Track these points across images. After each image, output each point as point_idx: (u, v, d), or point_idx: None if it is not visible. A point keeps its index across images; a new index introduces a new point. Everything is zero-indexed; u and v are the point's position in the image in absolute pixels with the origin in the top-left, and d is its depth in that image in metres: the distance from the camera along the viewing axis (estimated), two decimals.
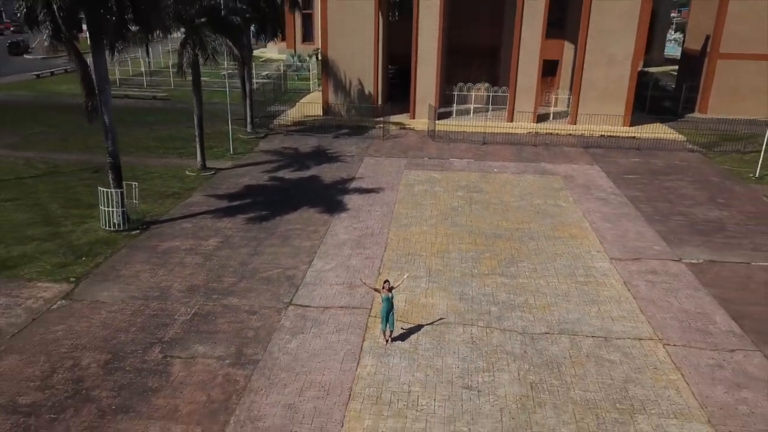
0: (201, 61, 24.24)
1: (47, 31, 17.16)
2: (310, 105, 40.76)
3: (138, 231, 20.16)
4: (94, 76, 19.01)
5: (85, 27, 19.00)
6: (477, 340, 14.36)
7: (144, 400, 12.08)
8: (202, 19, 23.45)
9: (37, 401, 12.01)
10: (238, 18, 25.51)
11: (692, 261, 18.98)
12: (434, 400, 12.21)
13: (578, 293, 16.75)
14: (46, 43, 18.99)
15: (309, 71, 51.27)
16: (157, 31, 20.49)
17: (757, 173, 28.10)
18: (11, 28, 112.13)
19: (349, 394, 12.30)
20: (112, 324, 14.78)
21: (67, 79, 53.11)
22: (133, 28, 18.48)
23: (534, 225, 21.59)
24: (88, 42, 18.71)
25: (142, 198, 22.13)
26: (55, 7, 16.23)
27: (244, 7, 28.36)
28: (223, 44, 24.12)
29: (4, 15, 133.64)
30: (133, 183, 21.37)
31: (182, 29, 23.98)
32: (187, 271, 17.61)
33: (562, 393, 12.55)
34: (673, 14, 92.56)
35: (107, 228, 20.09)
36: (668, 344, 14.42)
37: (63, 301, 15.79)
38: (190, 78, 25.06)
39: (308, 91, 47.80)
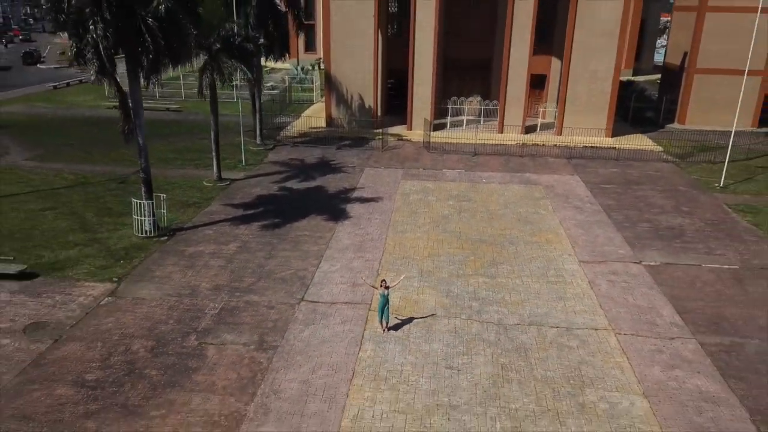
0: (219, 84, 27.03)
1: (94, 68, 19.85)
2: (314, 117, 43.69)
3: (166, 237, 22.98)
4: (130, 103, 21.71)
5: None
6: (459, 330, 17.17)
7: (186, 377, 14.89)
8: (220, 47, 26.23)
9: (100, 378, 14.82)
10: (251, 45, 28.34)
11: (650, 263, 21.78)
12: (422, 377, 15.01)
13: (548, 291, 19.56)
14: (91, 74, 21.49)
15: (312, 83, 54.00)
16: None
17: (722, 183, 30.90)
18: (20, 36, 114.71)
19: (353, 373, 15.10)
20: (153, 317, 17.59)
21: (83, 90, 56.06)
22: (165, 61, 21.16)
23: (515, 231, 24.40)
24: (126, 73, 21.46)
25: (167, 207, 24.91)
26: (101, 47, 18.99)
27: (257, 35, 31.20)
28: (238, 68, 26.90)
29: (12, 22, 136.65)
30: (162, 195, 24.16)
31: (202, 56, 26.72)
32: (212, 272, 20.42)
33: (527, 372, 15.35)
34: (666, 18, 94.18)
35: (139, 235, 22.89)
36: (619, 333, 17.22)
37: (109, 298, 18.60)
38: (208, 99, 27.78)
39: (311, 102, 50.65)
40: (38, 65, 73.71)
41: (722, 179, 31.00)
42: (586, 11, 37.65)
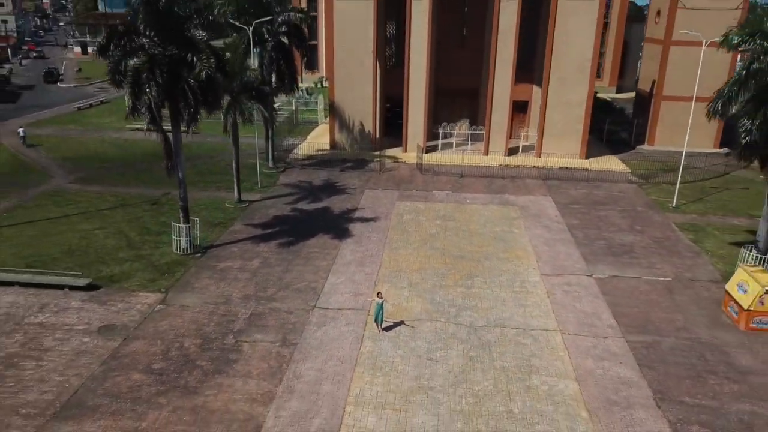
0: (240, 122, 31.75)
1: (146, 119, 24.56)
2: (319, 139, 48.46)
3: (200, 254, 27.70)
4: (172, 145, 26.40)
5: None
6: (439, 331, 21.86)
7: (229, 366, 19.58)
8: (241, 91, 30.94)
9: (163, 367, 19.52)
10: (267, 87, 33.03)
11: (600, 276, 26.49)
12: (408, 366, 19.70)
13: (512, 299, 24.25)
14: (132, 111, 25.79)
15: (317, 104, 58.73)
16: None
17: (674, 203, 35.64)
18: (35, 50, 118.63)
19: (356, 363, 19.79)
20: (197, 320, 22.29)
21: (105, 111, 60.91)
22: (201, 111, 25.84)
23: (490, 248, 29.12)
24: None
25: (198, 227, 29.59)
26: (153, 104, 23.69)
27: (270, 78, 35.97)
28: (256, 109, 31.62)
29: (23, 35, 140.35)
30: (195, 219, 28.86)
31: (226, 98, 31.35)
32: (241, 284, 25.13)
33: (489, 363, 20.04)
34: None
35: (178, 252, 27.60)
36: (565, 333, 21.91)
37: (161, 306, 23.31)
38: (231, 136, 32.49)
39: (316, 124, 55.41)
40: (58, 84, 78.38)
41: (675, 200, 35.73)
42: (562, 47, 42.43)
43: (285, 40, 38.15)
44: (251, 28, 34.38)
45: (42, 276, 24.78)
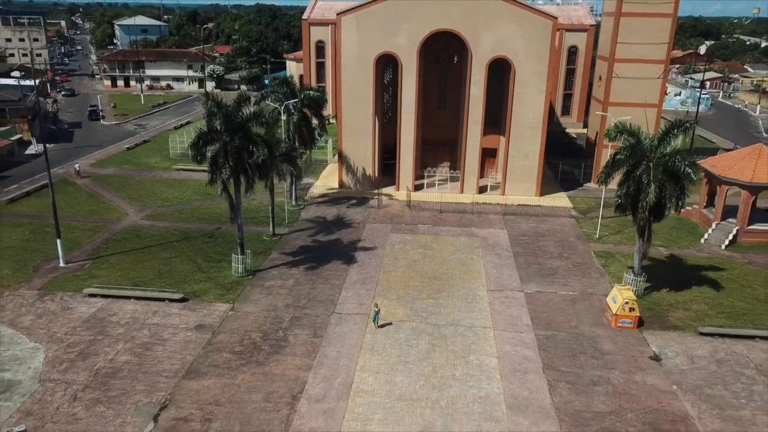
0: (276, 179, 43.71)
1: (220, 188, 36.51)
2: (329, 178, 60.47)
3: (251, 276, 39.64)
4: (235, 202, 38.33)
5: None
6: (415, 328, 33.75)
7: (281, 349, 31.48)
8: (279, 157, 42.89)
9: (242, 350, 31.40)
10: (295, 152, 45.12)
11: (528, 291, 38.40)
12: (393, 349, 31.59)
13: (465, 307, 36.15)
14: (214, 179, 37.64)
15: (326, 144, 70.62)
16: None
17: (597, 235, 47.58)
18: (67, 81, 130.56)
19: (360, 347, 31.69)
20: (257, 321, 34.20)
21: (149, 151, 72.92)
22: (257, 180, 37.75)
23: (455, 271, 41.05)
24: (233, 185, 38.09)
25: (249, 257, 41.48)
26: (225, 178, 35.64)
27: (295, 144, 48.09)
28: (288, 170, 43.61)
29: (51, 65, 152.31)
30: (248, 251, 40.77)
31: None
32: (282, 297, 37.05)
33: (444, 347, 31.91)
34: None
35: (236, 275, 39.51)
36: (495, 329, 33.80)
37: (231, 312, 35.24)
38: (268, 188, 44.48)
39: (326, 163, 67.40)
40: (101, 121, 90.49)
41: (598, 232, 47.70)
42: (519, 110, 54.46)
43: (306, 111, 50.23)
44: (283, 106, 46.54)
45: (148, 292, 36.79)
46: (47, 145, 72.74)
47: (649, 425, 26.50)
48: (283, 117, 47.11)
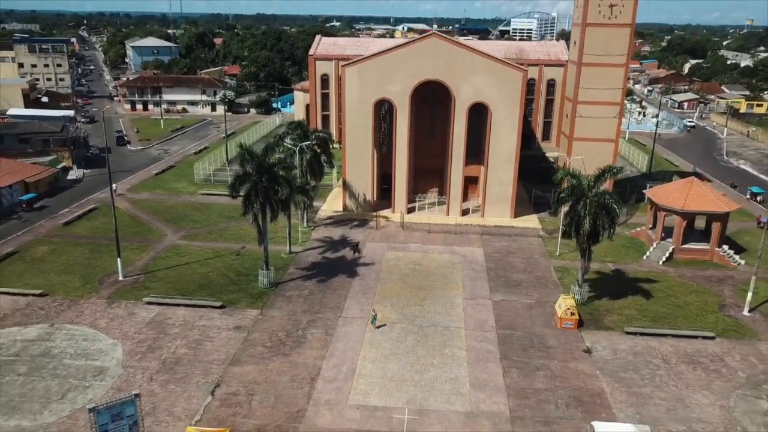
0: (293, 208, 53.49)
1: (251, 218, 46.31)
2: (335, 201, 70.34)
3: (274, 287, 49.40)
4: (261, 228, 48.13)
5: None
6: (404, 328, 43.51)
7: (301, 345, 41.21)
8: (295, 190, 52.71)
9: (271, 345, 41.14)
10: (309, 185, 54.98)
11: (495, 299, 48.16)
12: (387, 344, 41.34)
13: (444, 312, 45.92)
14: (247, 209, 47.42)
15: (331, 170, 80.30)
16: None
17: (558, 252, 57.37)
18: (88, 104, 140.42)
19: (362, 343, 41.44)
20: (281, 323, 43.96)
21: (175, 176, 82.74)
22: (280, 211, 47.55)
23: (438, 283, 50.82)
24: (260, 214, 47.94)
25: (272, 272, 51.18)
26: (255, 210, 45.50)
27: (308, 178, 58.00)
28: (303, 201, 53.42)
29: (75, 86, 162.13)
30: (272, 267, 50.48)
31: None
32: (299, 304, 46.81)
33: (425, 343, 41.64)
34: None
35: (262, 286, 49.27)
36: (466, 329, 43.56)
37: (260, 316, 45.01)
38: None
39: (331, 187, 77.22)
40: (128, 146, 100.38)
41: (558, 250, 57.50)
42: (495, 146, 64.35)
43: (317, 149, 60.22)
44: (298, 147, 56.53)
45: (194, 300, 46.56)
46: (85, 170, 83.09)
47: (573, 398, 36.23)
48: (297, 157, 57.03)
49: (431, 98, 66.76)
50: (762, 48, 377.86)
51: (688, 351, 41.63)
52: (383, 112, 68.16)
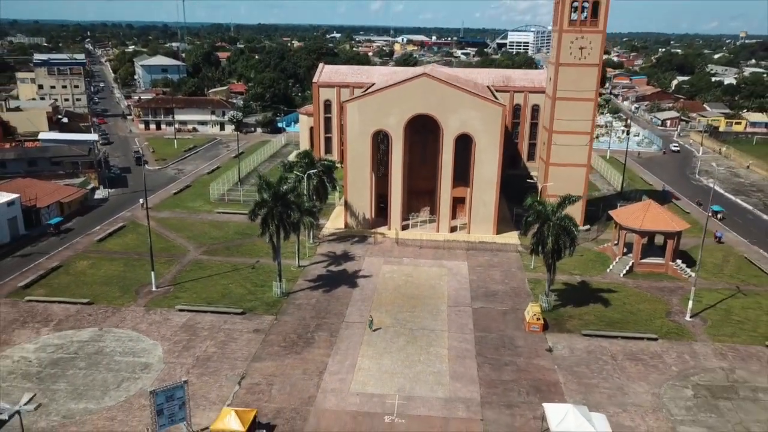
0: (302, 228, 61.80)
1: (267, 237, 54.61)
2: (337, 219, 78.75)
3: (286, 297, 57.68)
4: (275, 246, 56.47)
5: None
6: (397, 331, 51.75)
7: (311, 344, 49.45)
8: (304, 213, 61.03)
9: (285, 345, 49.36)
10: (315, 208, 63.37)
11: (475, 307, 56.44)
12: (382, 344, 49.56)
13: (431, 317, 54.18)
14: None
15: (335, 191, 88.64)
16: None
17: (532, 266, 65.67)
18: (104, 123, 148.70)
19: (361, 343, 49.67)
20: (293, 327, 52.23)
21: (192, 195, 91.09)
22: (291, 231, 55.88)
23: (427, 293, 59.09)
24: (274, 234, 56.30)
25: (285, 283, 59.36)
26: (270, 231, 53.83)
27: (315, 202, 66.41)
28: (310, 222, 61.74)
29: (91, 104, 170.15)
30: (284, 279, 58.77)
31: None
32: (308, 311, 55.08)
33: (414, 343, 49.86)
34: None
35: (276, 296, 57.54)
36: (449, 332, 51.80)
37: (275, 321, 53.28)
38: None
39: (333, 206, 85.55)
40: (146, 166, 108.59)
41: (533, 263, 65.80)
42: (479, 171, 72.76)
43: (322, 175, 68.73)
44: (306, 174, 65.01)
45: (219, 308, 54.81)
46: (110, 190, 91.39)
47: (533, 387, 44.43)
48: (305, 182, 65.51)
49: (422, 129, 75.18)
50: (753, 61, 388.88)
51: (633, 350, 49.86)
52: (380, 140, 76.63)
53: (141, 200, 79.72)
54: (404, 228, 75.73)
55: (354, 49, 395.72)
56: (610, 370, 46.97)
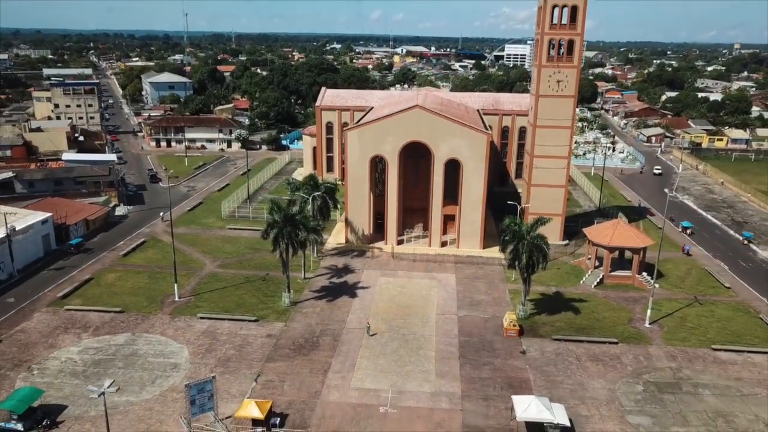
0: (309, 246, 69.54)
1: (277, 254, 62.32)
2: (338, 234, 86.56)
3: (294, 306, 65.36)
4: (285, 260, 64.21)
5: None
6: (391, 336, 59.39)
7: (316, 348, 57.08)
8: (309, 231, 68.71)
9: (294, 348, 57.01)
10: (319, 225, 71.13)
11: (460, 315, 64.09)
12: (378, 346, 57.19)
13: (421, 324, 61.84)
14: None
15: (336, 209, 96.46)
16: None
17: (513, 278, 73.35)
18: (116, 140, 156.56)
19: (360, 347, 57.30)
20: (302, 333, 59.87)
21: (204, 212, 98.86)
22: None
23: (418, 302, 66.77)
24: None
25: (293, 293, 66.98)
26: (281, 248, 61.55)
27: (319, 221, 74.14)
28: (314, 239, 69.43)
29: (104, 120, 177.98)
30: (292, 291, 66.48)
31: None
32: (314, 318, 62.75)
33: (406, 346, 57.50)
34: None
35: (285, 305, 65.20)
36: (437, 337, 59.45)
37: (285, 327, 60.94)
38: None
39: (335, 221, 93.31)
40: (160, 183, 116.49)
41: (514, 275, 73.49)
42: (466, 192, 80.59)
43: (325, 197, 76.63)
44: (311, 196, 72.86)
45: (235, 316, 62.47)
46: (129, 207, 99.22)
47: (506, 383, 52.04)
48: (310, 203, 73.40)
49: (415, 153, 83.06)
50: (744, 74, 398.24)
51: (596, 352, 57.49)
52: (378, 164, 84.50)
53: (161, 213, 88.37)
54: (399, 243, 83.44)
55: (353, 62, 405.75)
56: (574, 369, 54.57)
